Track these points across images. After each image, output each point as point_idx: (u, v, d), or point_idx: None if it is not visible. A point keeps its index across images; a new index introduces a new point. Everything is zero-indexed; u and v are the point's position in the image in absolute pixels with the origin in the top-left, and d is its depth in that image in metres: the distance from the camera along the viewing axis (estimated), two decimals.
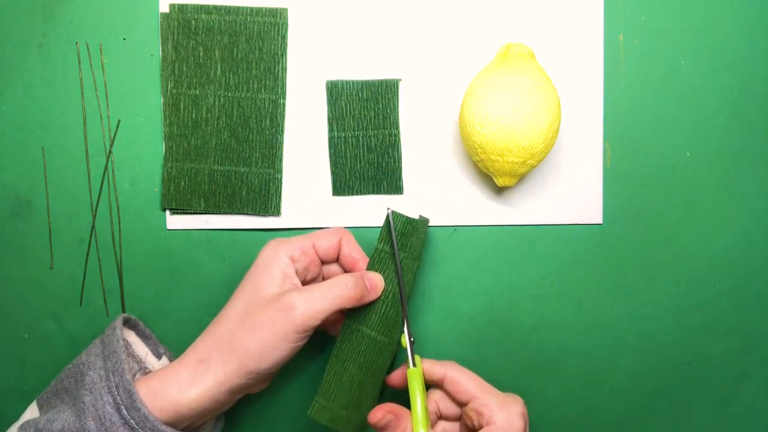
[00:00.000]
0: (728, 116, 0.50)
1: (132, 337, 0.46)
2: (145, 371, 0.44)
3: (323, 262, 0.46)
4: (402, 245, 0.45)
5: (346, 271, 0.46)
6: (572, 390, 0.51)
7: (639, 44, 0.50)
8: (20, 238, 0.49)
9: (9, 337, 0.50)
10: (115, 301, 0.50)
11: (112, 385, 0.39)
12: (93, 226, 0.49)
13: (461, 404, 0.44)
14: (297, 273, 0.42)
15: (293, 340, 0.39)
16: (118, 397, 0.38)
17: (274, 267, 0.42)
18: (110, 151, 0.49)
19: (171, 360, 0.47)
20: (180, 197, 0.49)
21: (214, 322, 0.42)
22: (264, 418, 0.50)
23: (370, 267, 0.44)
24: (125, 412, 0.38)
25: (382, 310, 0.44)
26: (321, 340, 0.49)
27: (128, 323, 0.46)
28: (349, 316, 0.44)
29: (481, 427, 0.41)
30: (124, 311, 0.49)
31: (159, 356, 0.46)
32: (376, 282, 0.43)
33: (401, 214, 0.45)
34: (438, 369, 0.44)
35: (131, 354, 0.44)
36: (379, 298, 0.43)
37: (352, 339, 0.43)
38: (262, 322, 0.39)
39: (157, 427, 0.38)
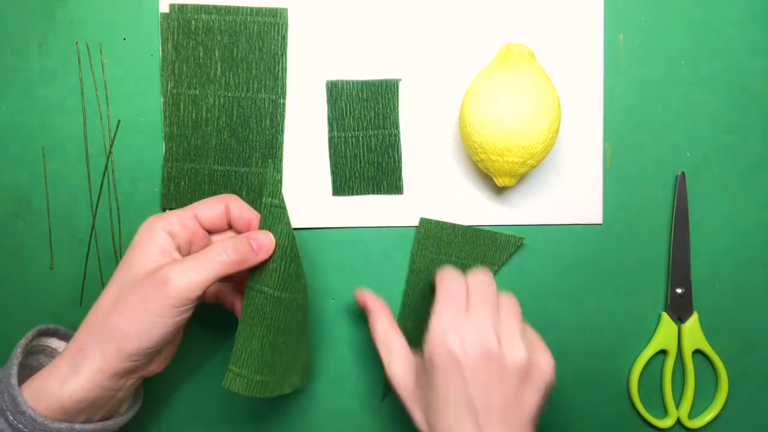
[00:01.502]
0: (728, 116, 0.50)
1: (55, 342, 0.44)
2: None
3: (211, 233, 0.43)
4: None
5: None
6: (572, 390, 0.51)
7: (639, 44, 0.50)
8: (20, 238, 0.49)
9: (9, 337, 0.50)
10: None
11: (0, 392, 0.37)
12: (93, 226, 0.49)
13: None
14: (179, 248, 0.40)
15: (171, 315, 0.37)
16: (4, 404, 0.37)
17: (150, 244, 0.39)
18: (110, 151, 0.49)
19: None
20: (180, 197, 0.49)
21: (91, 308, 0.39)
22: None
23: (262, 225, 0.41)
24: (11, 417, 0.36)
25: (281, 268, 0.41)
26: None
27: (48, 332, 0.44)
28: (250, 277, 0.41)
29: None
30: None
31: None
32: (264, 241, 0.40)
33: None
34: None
35: (49, 354, 0.43)
36: (274, 255, 0.41)
37: (255, 302, 0.41)
38: (134, 300, 0.37)
39: (48, 426, 0.36)
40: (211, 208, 0.42)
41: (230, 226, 0.43)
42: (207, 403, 0.50)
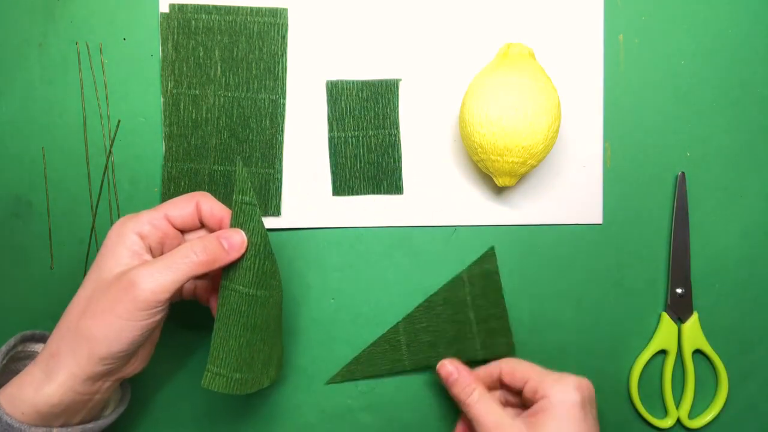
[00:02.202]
0: (728, 116, 0.50)
1: (41, 347, 0.43)
2: None
3: (184, 231, 0.42)
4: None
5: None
6: None
7: (639, 44, 0.50)
8: (20, 238, 0.49)
9: (9, 337, 0.50)
10: None
11: None
12: (93, 226, 0.49)
13: (521, 392, 0.44)
14: (150, 250, 0.40)
15: (140, 318, 0.37)
16: None
17: (120, 246, 0.39)
18: (110, 151, 0.49)
19: None
20: None
21: (63, 312, 0.39)
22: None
23: (234, 223, 0.40)
24: None
25: (255, 266, 0.41)
26: None
27: (34, 338, 0.43)
28: (224, 276, 0.41)
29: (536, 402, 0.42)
30: None
31: None
32: (236, 240, 0.40)
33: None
34: (492, 367, 0.45)
35: (33, 358, 0.42)
36: (247, 253, 0.40)
37: (230, 301, 0.40)
38: (104, 304, 0.37)
39: (25, 431, 0.36)
40: (182, 207, 0.41)
41: (203, 225, 0.43)
42: (198, 402, 0.49)
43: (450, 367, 0.45)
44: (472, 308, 0.49)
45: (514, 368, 0.44)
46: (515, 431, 0.41)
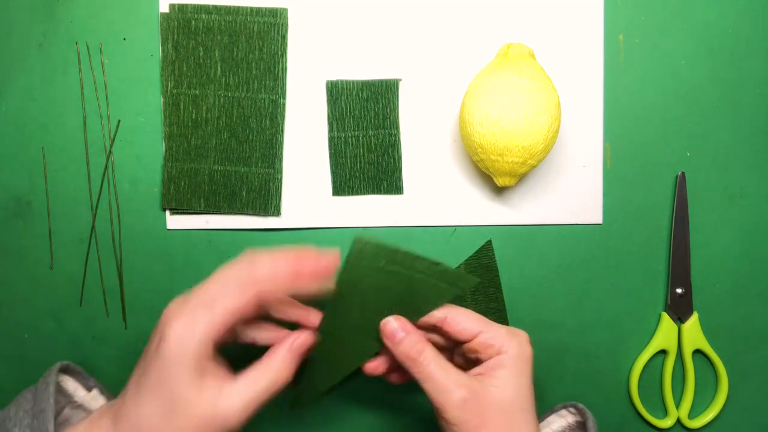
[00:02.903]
0: (728, 116, 0.50)
1: (60, 376, 0.43)
2: (74, 405, 0.43)
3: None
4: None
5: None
6: (572, 390, 0.51)
7: (639, 44, 0.50)
8: (20, 238, 0.49)
9: (9, 337, 0.50)
10: (115, 301, 0.50)
11: None
12: (93, 226, 0.49)
13: (460, 343, 0.42)
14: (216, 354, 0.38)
15: None
16: None
17: (189, 360, 0.36)
18: (110, 151, 0.49)
19: (102, 392, 0.45)
20: (180, 197, 0.49)
21: (126, 407, 0.36)
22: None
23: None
24: None
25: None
26: None
27: (68, 370, 0.44)
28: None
29: (491, 358, 0.40)
30: (123, 311, 0.49)
31: (89, 389, 0.44)
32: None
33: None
34: (437, 312, 0.41)
35: (60, 390, 0.43)
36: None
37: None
38: None
39: None
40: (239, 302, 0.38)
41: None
42: None
43: (396, 324, 0.40)
44: (471, 303, 0.49)
45: (460, 319, 0.41)
46: (478, 390, 0.38)
